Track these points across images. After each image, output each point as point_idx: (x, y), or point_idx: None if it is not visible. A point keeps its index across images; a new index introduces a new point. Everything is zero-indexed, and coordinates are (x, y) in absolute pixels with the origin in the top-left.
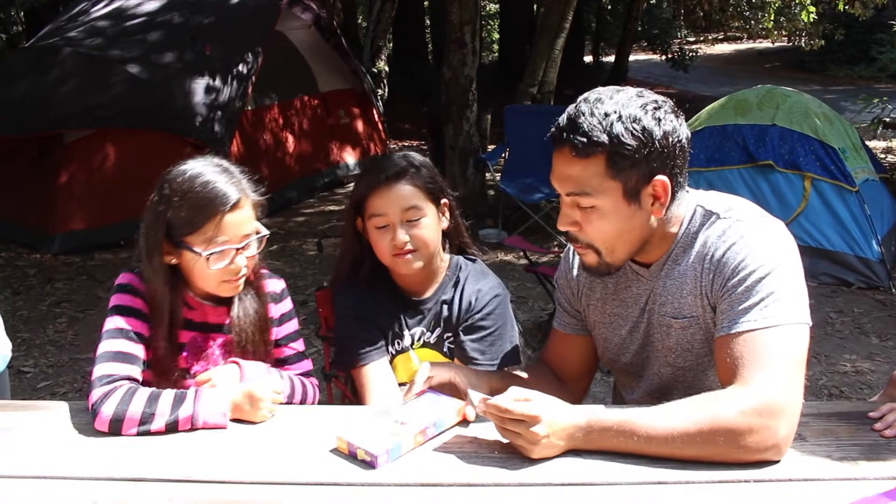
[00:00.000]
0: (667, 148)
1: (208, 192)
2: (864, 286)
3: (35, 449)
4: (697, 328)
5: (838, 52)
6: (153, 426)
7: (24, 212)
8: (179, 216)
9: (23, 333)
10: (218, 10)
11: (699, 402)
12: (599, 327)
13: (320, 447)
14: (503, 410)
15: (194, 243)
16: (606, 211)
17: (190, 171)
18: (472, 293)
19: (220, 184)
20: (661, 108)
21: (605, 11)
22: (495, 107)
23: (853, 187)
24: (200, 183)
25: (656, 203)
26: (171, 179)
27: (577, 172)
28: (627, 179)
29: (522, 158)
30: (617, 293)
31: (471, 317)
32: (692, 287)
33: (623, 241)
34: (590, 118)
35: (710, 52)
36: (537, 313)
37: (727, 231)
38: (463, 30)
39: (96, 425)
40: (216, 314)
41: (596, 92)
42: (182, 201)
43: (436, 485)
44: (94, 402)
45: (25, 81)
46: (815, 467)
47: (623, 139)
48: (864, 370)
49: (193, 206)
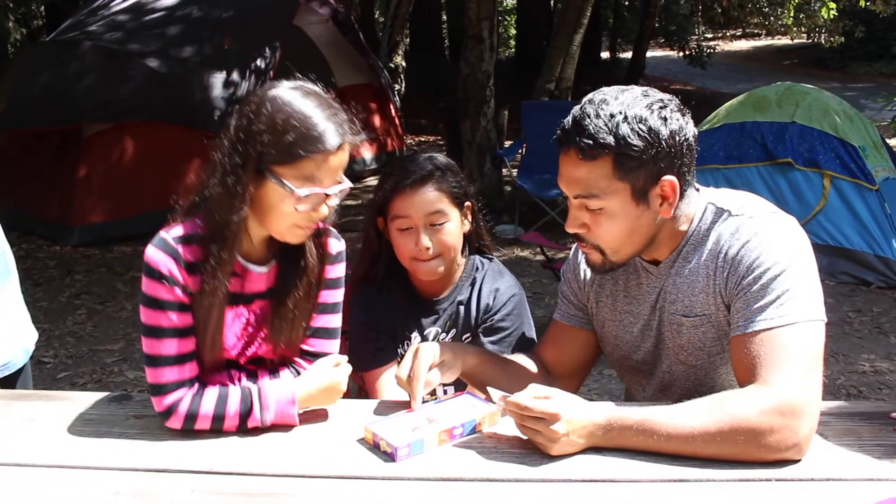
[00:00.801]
0: (674, 147)
1: (314, 126)
2: (884, 286)
3: (59, 439)
4: (709, 326)
5: (858, 49)
6: (225, 426)
7: (44, 204)
8: (279, 142)
9: (43, 324)
10: (236, 4)
11: (719, 401)
12: (610, 325)
13: (349, 438)
14: (523, 408)
15: (287, 176)
16: (615, 212)
17: (294, 97)
18: (489, 293)
19: (328, 119)
20: (666, 108)
21: (623, 7)
22: (512, 103)
23: (873, 186)
24: (306, 113)
25: (665, 203)
26: (271, 99)
27: (584, 175)
28: (635, 180)
29: (539, 154)
30: (627, 290)
31: (490, 318)
32: (704, 285)
33: (630, 242)
34: (595, 120)
35: (728, 49)
36: (553, 309)
37: (740, 228)
38: (481, 25)
39: (169, 424)
40: (257, 281)
41: (600, 92)
42: (285, 127)
43: (455, 479)
44: (167, 407)
45: (45, 75)
46: (836, 467)
47: (629, 140)
48: (883, 370)
49: (297, 137)
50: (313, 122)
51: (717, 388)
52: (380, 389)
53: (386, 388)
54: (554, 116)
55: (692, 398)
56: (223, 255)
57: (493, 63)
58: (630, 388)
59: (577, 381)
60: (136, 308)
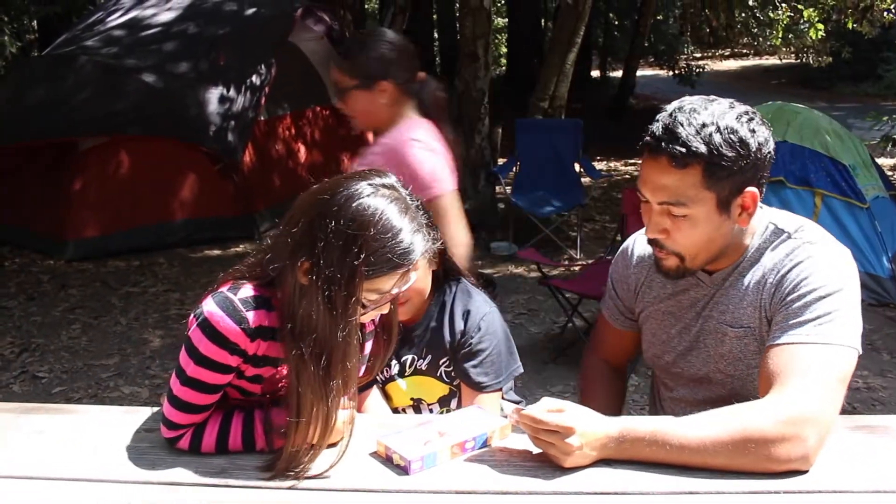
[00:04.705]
0: (760, 159)
1: (397, 242)
2: (875, 303)
3: (69, 452)
4: (752, 339)
5: (845, 69)
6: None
7: (39, 218)
8: (367, 259)
9: (37, 339)
10: (232, 20)
11: (733, 410)
12: (649, 321)
13: (360, 452)
14: (537, 421)
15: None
16: (699, 220)
17: (376, 208)
18: (461, 317)
19: (408, 233)
20: (753, 120)
21: (613, 27)
22: (503, 120)
23: (864, 204)
24: (389, 227)
25: (744, 213)
26: (356, 212)
27: (673, 182)
28: (721, 190)
29: (533, 172)
30: (675, 294)
31: (467, 342)
32: (752, 299)
33: (707, 249)
34: (688, 128)
35: (717, 68)
36: (549, 326)
37: (795, 250)
38: (476, 43)
39: (178, 447)
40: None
41: (688, 102)
42: (371, 243)
43: (469, 492)
44: (171, 437)
45: (41, 89)
46: (844, 479)
47: (722, 150)
48: (876, 386)
49: (379, 255)
50: (398, 238)
51: (751, 399)
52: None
53: (369, 414)
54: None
55: (722, 405)
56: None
57: (487, 81)
58: (659, 386)
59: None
60: (130, 322)
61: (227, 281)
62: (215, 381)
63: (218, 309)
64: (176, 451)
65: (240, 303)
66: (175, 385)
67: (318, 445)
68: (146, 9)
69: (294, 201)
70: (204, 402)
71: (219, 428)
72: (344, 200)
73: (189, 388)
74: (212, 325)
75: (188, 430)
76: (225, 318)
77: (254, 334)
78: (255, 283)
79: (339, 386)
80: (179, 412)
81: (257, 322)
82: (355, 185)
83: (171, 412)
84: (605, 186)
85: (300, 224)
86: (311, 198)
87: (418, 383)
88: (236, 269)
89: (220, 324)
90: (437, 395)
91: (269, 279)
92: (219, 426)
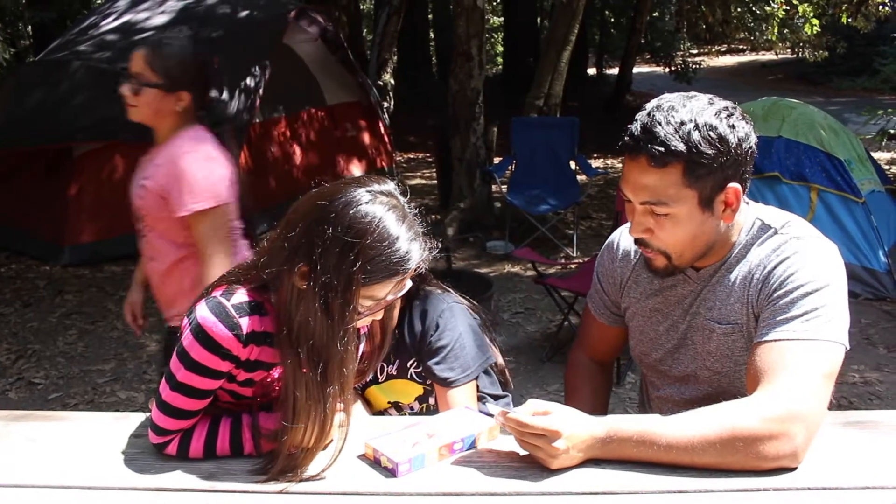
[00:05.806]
0: (740, 155)
1: (394, 250)
2: (872, 297)
3: (60, 459)
4: (739, 335)
5: (841, 64)
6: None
7: (34, 224)
8: (363, 266)
9: (33, 345)
10: (226, 23)
11: (721, 408)
12: (637, 318)
13: (349, 454)
14: (523, 424)
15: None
16: (681, 219)
17: (374, 216)
18: (419, 317)
19: (405, 241)
20: (733, 115)
21: (609, 24)
22: (499, 119)
23: (859, 198)
24: (386, 235)
25: (728, 210)
26: (354, 219)
27: (653, 181)
28: (703, 188)
29: (529, 170)
30: (661, 291)
31: (427, 341)
32: (740, 295)
33: (692, 246)
34: (666, 127)
35: (714, 65)
36: (545, 324)
37: (782, 246)
38: (470, 43)
39: (165, 452)
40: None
41: (666, 99)
42: (368, 250)
43: (457, 494)
44: (159, 442)
45: (36, 94)
46: (832, 475)
47: (701, 147)
48: (873, 381)
49: (376, 263)
50: (395, 245)
51: (738, 397)
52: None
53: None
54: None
55: (709, 403)
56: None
57: (482, 80)
58: (647, 385)
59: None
60: (126, 327)
61: (220, 285)
62: (206, 386)
63: (211, 315)
64: (164, 456)
65: (233, 308)
66: (164, 390)
67: (313, 449)
68: (139, 12)
69: (291, 205)
70: (193, 408)
71: (206, 433)
72: (342, 207)
73: (178, 394)
74: (204, 331)
75: (176, 436)
76: (217, 324)
77: (247, 340)
78: (249, 287)
79: (336, 391)
80: (168, 417)
81: (250, 328)
82: (354, 191)
83: (160, 418)
84: (601, 184)
85: (297, 229)
86: (309, 203)
87: (393, 387)
88: (230, 272)
89: (213, 330)
90: (412, 395)
91: (264, 283)
92: (206, 431)
